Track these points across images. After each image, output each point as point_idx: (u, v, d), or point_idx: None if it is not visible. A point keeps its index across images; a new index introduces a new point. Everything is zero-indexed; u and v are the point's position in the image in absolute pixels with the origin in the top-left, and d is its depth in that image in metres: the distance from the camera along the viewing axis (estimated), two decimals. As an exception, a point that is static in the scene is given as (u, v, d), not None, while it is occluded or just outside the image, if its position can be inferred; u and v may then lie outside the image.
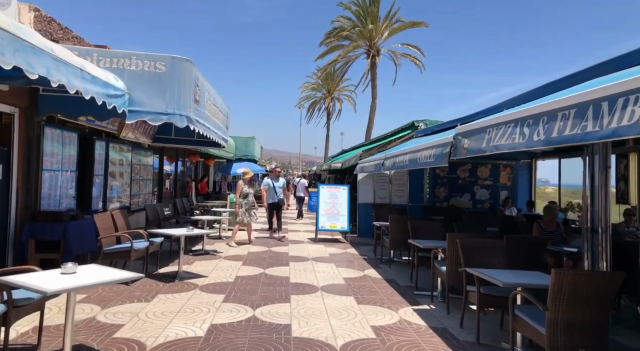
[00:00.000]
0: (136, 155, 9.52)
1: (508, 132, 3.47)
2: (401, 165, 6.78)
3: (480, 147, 3.99)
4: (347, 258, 8.29)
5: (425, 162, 5.59)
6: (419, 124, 11.30)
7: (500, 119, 3.66)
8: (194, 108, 6.56)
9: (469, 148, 4.23)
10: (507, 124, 3.54)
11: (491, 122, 3.84)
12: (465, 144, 4.36)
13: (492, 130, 3.80)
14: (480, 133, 4.01)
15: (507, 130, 3.51)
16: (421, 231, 6.38)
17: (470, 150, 4.16)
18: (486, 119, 4.08)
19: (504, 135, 3.55)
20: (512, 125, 3.44)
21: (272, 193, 10.12)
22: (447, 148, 4.87)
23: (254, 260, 7.63)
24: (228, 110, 10.32)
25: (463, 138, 4.39)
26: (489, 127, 3.88)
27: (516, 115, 3.44)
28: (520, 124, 3.32)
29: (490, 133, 3.85)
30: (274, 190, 10.11)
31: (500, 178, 11.48)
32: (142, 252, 5.83)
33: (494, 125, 3.78)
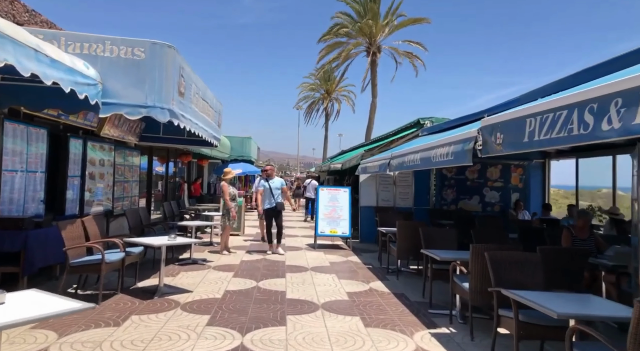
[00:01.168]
0: (120, 154, 8.78)
1: (561, 121, 2.74)
2: (411, 165, 6.05)
3: (519, 141, 3.26)
4: (349, 267, 7.55)
5: (441, 161, 4.86)
6: (424, 122, 10.59)
7: (547, 106, 2.94)
8: (178, 101, 5.81)
9: (505, 143, 3.50)
10: (557, 111, 2.82)
11: (535, 110, 3.11)
12: (498, 139, 3.63)
13: (535, 121, 3.07)
14: (518, 125, 3.28)
15: (558, 118, 2.78)
16: (434, 239, 5.64)
17: (508, 145, 3.43)
18: (524, 107, 3.36)
19: (554, 126, 2.82)
20: (566, 112, 2.71)
21: (269, 197, 8.58)
22: (470, 144, 4.14)
23: (246, 271, 6.88)
24: (220, 107, 9.58)
25: (495, 131, 3.66)
26: (530, 117, 3.15)
27: (570, 99, 2.71)
28: (578, 110, 2.60)
29: (532, 125, 3.12)
30: (270, 193, 8.56)
31: (512, 180, 10.77)
32: (117, 264, 5.08)
33: (540, 113, 3.05)
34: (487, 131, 3.81)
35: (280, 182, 8.86)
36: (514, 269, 3.67)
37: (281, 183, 8.86)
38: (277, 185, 8.71)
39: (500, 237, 5.70)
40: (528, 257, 3.74)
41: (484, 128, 3.90)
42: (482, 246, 4.12)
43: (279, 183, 8.78)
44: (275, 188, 8.62)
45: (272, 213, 8.62)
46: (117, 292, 5.16)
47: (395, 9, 22.97)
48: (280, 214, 8.76)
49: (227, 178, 8.72)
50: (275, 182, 8.74)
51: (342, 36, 24.07)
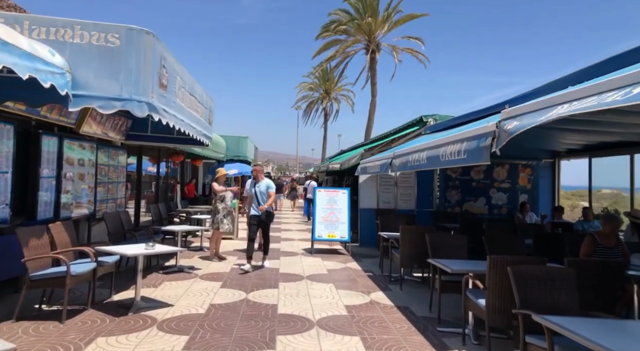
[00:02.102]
0: (104, 154, 8.21)
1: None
2: (416, 165, 5.49)
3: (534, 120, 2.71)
4: (348, 275, 6.99)
5: (452, 160, 4.30)
6: (427, 120, 10.04)
7: (592, 90, 2.38)
8: (159, 94, 5.25)
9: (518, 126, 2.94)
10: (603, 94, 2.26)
11: (569, 97, 2.56)
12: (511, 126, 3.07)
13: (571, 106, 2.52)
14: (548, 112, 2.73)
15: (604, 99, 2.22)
16: (442, 247, 5.08)
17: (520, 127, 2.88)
18: (555, 95, 2.80)
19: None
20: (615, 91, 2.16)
21: (255, 202, 7.24)
22: (487, 140, 3.59)
23: (236, 280, 6.31)
24: (211, 103, 9.01)
25: (516, 121, 3.10)
26: (565, 103, 2.60)
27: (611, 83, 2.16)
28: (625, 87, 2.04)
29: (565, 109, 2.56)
30: (256, 198, 7.23)
31: (519, 180, 10.22)
32: (86, 275, 4.51)
33: (575, 100, 2.50)
34: (507, 124, 3.26)
35: (265, 185, 7.32)
36: (542, 287, 3.11)
37: (266, 187, 7.31)
38: (263, 189, 7.28)
39: (515, 245, 5.14)
40: (559, 272, 3.18)
41: (504, 121, 3.34)
42: (501, 258, 3.56)
43: (264, 186, 7.30)
44: (261, 192, 7.25)
45: (258, 222, 7.21)
46: (86, 307, 4.59)
47: (395, 6, 22.45)
48: (267, 225, 7.40)
49: (220, 179, 8.17)
50: (261, 185, 7.29)
51: (341, 33, 23.51)
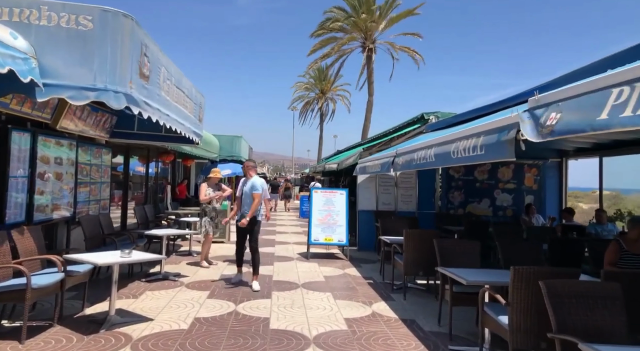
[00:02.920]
0: (86, 152, 7.67)
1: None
2: (422, 163, 4.99)
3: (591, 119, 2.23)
4: (347, 283, 6.49)
5: (466, 157, 3.81)
6: (429, 117, 9.57)
7: None
8: (139, 85, 4.74)
9: (562, 122, 2.46)
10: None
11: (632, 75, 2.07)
12: (550, 119, 2.58)
13: (633, 89, 2.03)
14: (597, 97, 2.24)
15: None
16: (452, 254, 4.59)
17: (566, 126, 2.40)
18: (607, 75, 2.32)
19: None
20: None
21: (241, 206, 6.15)
22: (511, 132, 3.11)
23: (225, 289, 5.80)
24: (202, 99, 8.50)
25: (549, 110, 2.62)
26: (620, 86, 2.11)
27: None
28: None
29: (623, 96, 2.08)
30: (241, 201, 6.18)
31: (525, 181, 9.76)
32: (52, 288, 3.98)
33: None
34: (538, 112, 2.77)
35: (250, 184, 6.09)
36: (582, 306, 2.62)
37: (252, 187, 6.04)
38: (247, 189, 6.10)
39: (532, 252, 4.66)
40: (602, 288, 2.69)
41: (533, 110, 2.86)
42: (527, 270, 3.07)
43: (249, 186, 6.10)
44: (245, 193, 6.12)
45: (242, 230, 6.09)
46: (52, 324, 4.06)
47: (392, 2, 21.97)
48: (254, 234, 6.07)
49: (213, 180, 7.57)
50: (248, 184, 6.14)
51: (336, 31, 23.03)
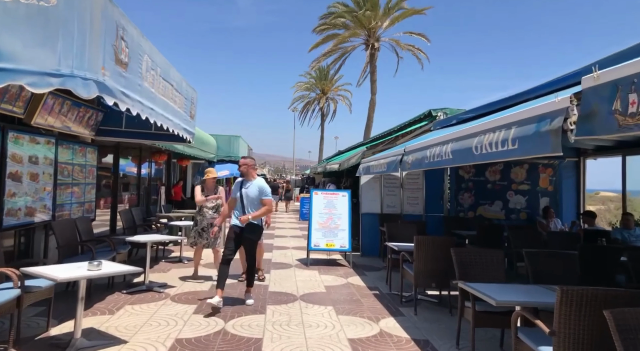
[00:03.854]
0: (67, 151, 7.09)
1: None
2: (436, 162, 4.39)
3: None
4: (350, 294, 5.88)
5: (494, 153, 3.21)
6: (437, 114, 8.95)
7: None
8: (115, 72, 4.14)
9: None
10: None
11: None
12: (633, 105, 1.98)
13: None
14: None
15: None
16: (473, 265, 3.98)
17: None
18: None
19: None
20: None
21: (239, 209, 5.27)
22: (555, 121, 2.51)
23: (215, 302, 5.19)
24: (194, 94, 7.90)
25: (626, 90, 2.02)
26: None
27: None
28: None
29: None
30: (240, 204, 5.21)
31: (540, 182, 9.16)
32: (5, 307, 3.38)
33: None
34: (603, 93, 2.17)
35: (257, 187, 5.21)
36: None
37: (258, 190, 5.17)
38: (253, 192, 5.18)
39: (564, 263, 4.05)
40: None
41: (591, 91, 2.26)
42: (579, 292, 2.46)
43: (255, 189, 5.18)
44: (248, 197, 5.17)
45: (238, 237, 5.15)
46: (7, 348, 3.46)
47: (398, 1, 21.37)
48: (253, 243, 5.22)
49: (209, 181, 6.63)
50: (251, 187, 5.20)
51: (339, 27, 22.43)
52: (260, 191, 5.23)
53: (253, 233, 5.24)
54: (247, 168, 5.36)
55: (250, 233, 5.20)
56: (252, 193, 5.20)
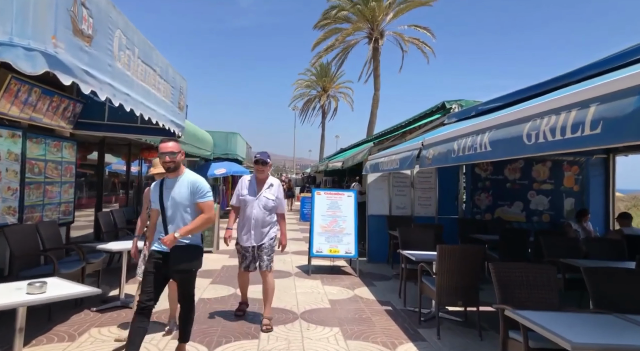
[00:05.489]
0: (38, 146, 6.30)
1: None
2: (468, 156, 3.57)
3: None
4: (359, 311, 5.07)
5: (561, 141, 2.40)
6: (451, 106, 8.13)
7: None
8: (74, 45, 3.33)
9: None
10: None
11: None
12: None
13: None
14: None
15: None
16: (520, 287, 3.16)
17: None
18: None
19: None
20: None
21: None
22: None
23: (200, 323, 4.39)
24: (183, 83, 7.13)
25: None
26: None
27: None
28: None
29: None
30: (162, 217, 3.33)
31: (565, 181, 8.34)
32: None
33: None
34: None
35: (187, 185, 3.33)
36: None
37: (191, 189, 3.31)
38: (182, 194, 3.31)
39: (631, 282, 3.24)
40: None
41: None
42: None
43: (184, 189, 3.32)
44: (174, 202, 3.30)
45: (161, 268, 3.24)
46: None
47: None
48: (188, 275, 3.32)
49: (156, 174, 4.03)
50: (178, 187, 3.33)
51: (341, 21, 21.62)
52: (194, 190, 3.27)
53: (189, 261, 3.22)
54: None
55: (184, 260, 3.20)
56: (180, 196, 3.25)
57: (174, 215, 3.27)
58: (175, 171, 3.33)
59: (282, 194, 4.57)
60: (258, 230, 4.37)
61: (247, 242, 4.39)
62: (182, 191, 3.29)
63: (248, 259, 4.44)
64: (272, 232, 4.47)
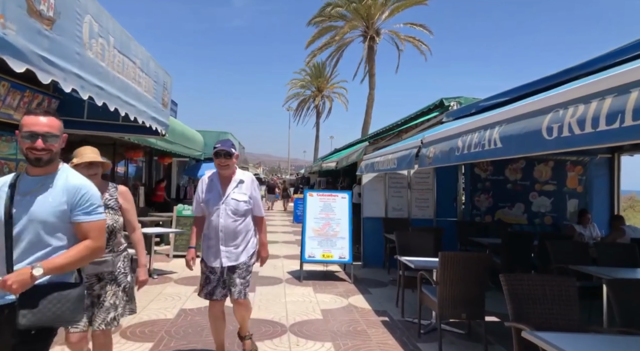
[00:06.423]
0: (6, 144, 5.89)
1: None
2: (475, 153, 3.20)
3: None
4: (353, 322, 4.68)
5: (590, 135, 2.03)
6: (450, 103, 7.78)
7: None
8: (28, 27, 2.88)
9: None
10: None
11: None
12: None
13: None
14: None
15: None
16: (535, 301, 2.78)
17: None
18: None
19: None
20: None
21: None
22: None
23: (179, 338, 3.99)
24: (167, 78, 6.67)
25: None
26: None
27: None
28: None
29: None
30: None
31: (568, 182, 8.01)
32: None
33: None
34: None
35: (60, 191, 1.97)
36: None
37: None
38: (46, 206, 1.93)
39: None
40: None
41: None
42: None
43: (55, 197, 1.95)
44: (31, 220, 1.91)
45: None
46: None
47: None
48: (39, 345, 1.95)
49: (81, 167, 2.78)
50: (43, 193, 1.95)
51: (336, 19, 21.26)
52: (74, 200, 2.00)
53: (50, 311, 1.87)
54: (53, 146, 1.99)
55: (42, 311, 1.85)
56: (45, 207, 1.94)
57: (25, 238, 1.91)
58: (46, 166, 1.99)
59: (257, 191, 3.46)
60: (229, 244, 3.25)
61: (215, 262, 3.27)
62: (50, 200, 1.96)
63: (212, 283, 3.28)
64: (250, 246, 3.37)
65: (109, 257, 2.79)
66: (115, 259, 2.85)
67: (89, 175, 2.55)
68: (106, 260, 2.78)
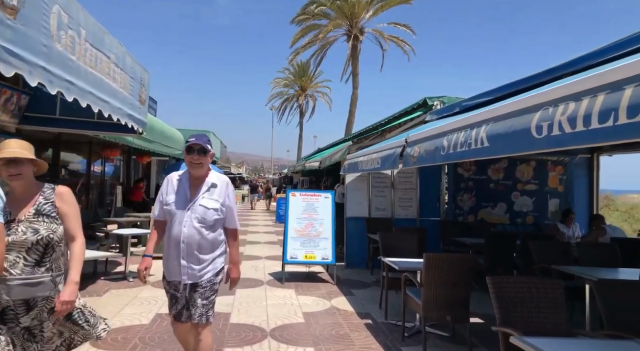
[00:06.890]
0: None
1: None
2: (461, 153, 3.11)
3: None
4: (336, 325, 4.57)
5: (584, 133, 1.95)
6: (433, 102, 7.75)
7: None
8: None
9: None
10: None
11: None
12: None
13: None
14: None
15: None
16: (522, 304, 2.71)
17: None
18: None
19: None
20: None
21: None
22: None
23: (154, 345, 3.81)
24: (144, 74, 6.46)
25: None
26: None
27: None
28: None
29: None
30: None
31: (549, 182, 8.06)
32: None
33: None
34: None
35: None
36: None
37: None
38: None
39: None
40: None
41: None
42: None
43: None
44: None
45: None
46: None
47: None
48: None
49: None
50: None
51: (319, 17, 21.14)
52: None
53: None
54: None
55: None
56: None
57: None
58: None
59: (232, 199, 2.91)
60: (192, 259, 2.72)
61: (174, 276, 2.77)
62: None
63: (180, 302, 2.78)
64: (216, 262, 2.82)
65: (46, 277, 2.20)
66: (56, 279, 2.24)
67: (9, 176, 2.19)
68: (42, 281, 2.18)
